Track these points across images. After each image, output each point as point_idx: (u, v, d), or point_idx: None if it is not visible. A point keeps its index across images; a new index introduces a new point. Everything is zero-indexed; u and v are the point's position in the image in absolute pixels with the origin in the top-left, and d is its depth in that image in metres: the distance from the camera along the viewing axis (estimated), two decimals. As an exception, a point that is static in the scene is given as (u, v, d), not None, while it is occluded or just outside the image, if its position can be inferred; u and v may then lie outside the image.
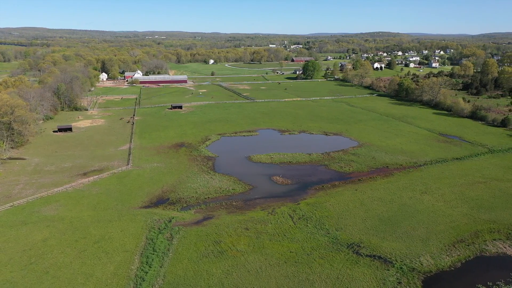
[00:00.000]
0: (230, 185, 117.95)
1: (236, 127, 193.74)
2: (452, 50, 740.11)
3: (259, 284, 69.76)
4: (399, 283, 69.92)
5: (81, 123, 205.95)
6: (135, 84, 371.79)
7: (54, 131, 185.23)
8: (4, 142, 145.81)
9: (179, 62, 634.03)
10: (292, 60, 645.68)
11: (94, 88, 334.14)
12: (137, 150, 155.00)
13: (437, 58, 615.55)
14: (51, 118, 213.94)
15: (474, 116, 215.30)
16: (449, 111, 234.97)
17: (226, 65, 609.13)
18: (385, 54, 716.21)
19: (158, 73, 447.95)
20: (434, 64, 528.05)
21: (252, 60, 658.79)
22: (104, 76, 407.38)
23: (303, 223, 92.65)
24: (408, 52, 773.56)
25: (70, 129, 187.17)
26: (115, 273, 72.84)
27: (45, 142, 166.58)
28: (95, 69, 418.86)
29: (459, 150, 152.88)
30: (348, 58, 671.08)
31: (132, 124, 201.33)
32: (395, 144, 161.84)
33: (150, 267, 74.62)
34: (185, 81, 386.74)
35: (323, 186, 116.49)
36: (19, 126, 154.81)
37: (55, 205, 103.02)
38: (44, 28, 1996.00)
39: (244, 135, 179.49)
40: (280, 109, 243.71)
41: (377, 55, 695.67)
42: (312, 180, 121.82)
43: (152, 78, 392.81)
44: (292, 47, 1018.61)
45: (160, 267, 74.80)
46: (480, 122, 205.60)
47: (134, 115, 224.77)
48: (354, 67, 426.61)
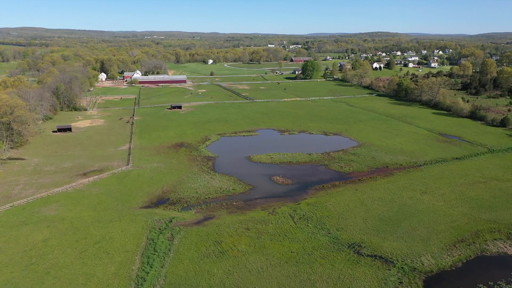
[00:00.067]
0: (231, 185, 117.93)
1: (235, 127, 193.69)
2: (450, 50, 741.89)
3: (261, 284, 69.76)
4: (400, 283, 70.00)
5: (80, 123, 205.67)
6: (134, 84, 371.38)
7: (53, 131, 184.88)
8: (3, 143, 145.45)
9: (178, 62, 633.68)
10: (291, 60, 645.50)
11: (93, 88, 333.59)
12: (137, 150, 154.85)
13: (436, 58, 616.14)
14: (50, 118, 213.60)
15: (474, 116, 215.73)
16: (448, 111, 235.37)
17: (225, 65, 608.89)
18: (384, 54, 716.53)
19: (157, 73, 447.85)
20: (433, 64, 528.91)
21: (251, 60, 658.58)
22: (103, 76, 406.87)
23: (304, 223, 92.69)
24: (407, 52, 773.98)
25: (69, 129, 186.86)
26: (116, 273, 72.76)
27: (44, 142, 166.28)
28: (94, 69, 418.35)
29: (459, 150, 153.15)
30: (347, 58, 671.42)
31: (132, 124, 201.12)
32: (394, 144, 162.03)
33: (151, 267, 74.57)
34: (184, 81, 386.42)
35: (323, 186, 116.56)
36: (19, 126, 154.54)
37: (55, 205, 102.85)
38: (42, 28, 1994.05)
39: (244, 135, 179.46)
40: (280, 109, 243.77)
41: (376, 55, 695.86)
42: (312, 180, 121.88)
43: (151, 78, 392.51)
44: (291, 47, 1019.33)
45: (161, 267, 74.76)
46: (479, 122, 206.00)
47: (133, 115, 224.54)
48: (353, 67, 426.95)
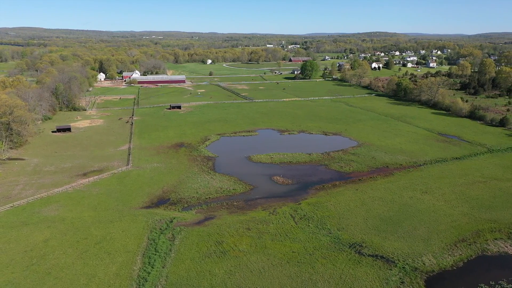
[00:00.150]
0: (231, 185, 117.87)
1: (235, 127, 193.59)
2: (449, 50, 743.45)
3: (262, 284, 69.74)
4: (402, 282, 70.09)
5: (79, 123, 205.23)
6: (133, 84, 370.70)
7: (52, 132, 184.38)
8: (3, 143, 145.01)
9: (176, 62, 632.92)
10: (290, 60, 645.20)
11: (92, 88, 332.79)
12: (136, 150, 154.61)
13: (434, 58, 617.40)
14: (49, 119, 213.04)
15: (473, 115, 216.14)
16: (447, 110, 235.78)
17: (224, 65, 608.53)
18: (382, 54, 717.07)
19: (156, 73, 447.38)
20: (431, 64, 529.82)
21: (250, 60, 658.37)
22: (102, 76, 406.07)
23: (305, 223, 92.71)
24: (405, 52, 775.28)
25: (69, 129, 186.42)
26: (118, 273, 72.64)
27: (44, 143, 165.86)
28: (93, 69, 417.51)
29: (459, 150, 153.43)
30: (345, 58, 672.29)
31: (131, 124, 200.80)
32: (394, 143, 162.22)
33: (152, 267, 74.47)
34: (183, 81, 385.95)
35: (323, 186, 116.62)
36: (18, 126, 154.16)
37: (56, 205, 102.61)
38: (40, 28, 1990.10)
39: (243, 135, 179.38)
40: (279, 109, 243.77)
41: (374, 55, 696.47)
42: (312, 180, 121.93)
43: (150, 78, 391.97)
44: (289, 47, 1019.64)
45: (163, 267, 74.66)
46: (478, 122, 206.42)
47: (132, 115, 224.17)
48: (352, 67, 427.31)
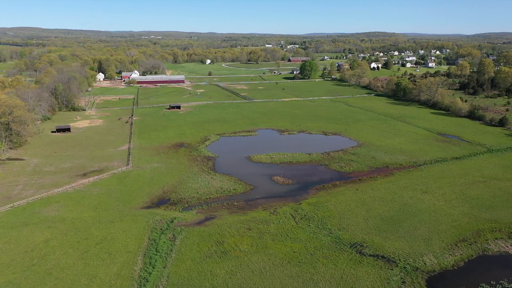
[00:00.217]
0: (231, 185, 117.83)
1: (235, 127, 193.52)
2: (448, 50, 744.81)
3: (264, 284, 69.71)
4: (403, 282, 70.14)
5: (79, 123, 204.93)
6: (132, 84, 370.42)
7: (52, 132, 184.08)
8: (2, 143, 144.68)
9: (175, 62, 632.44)
10: (289, 60, 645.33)
11: (91, 88, 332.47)
12: (136, 150, 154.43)
13: (433, 58, 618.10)
14: (49, 119, 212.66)
15: (472, 115, 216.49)
16: (447, 110, 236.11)
17: (223, 65, 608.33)
18: (381, 54, 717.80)
19: (155, 73, 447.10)
20: (430, 64, 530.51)
21: (249, 60, 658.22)
22: (101, 76, 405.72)
23: (306, 223, 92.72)
24: (404, 52, 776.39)
25: (68, 129, 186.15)
26: (119, 274, 72.54)
27: (43, 143, 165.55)
28: (92, 69, 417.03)
29: (458, 150, 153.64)
30: (344, 58, 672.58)
31: (131, 124, 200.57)
32: (394, 143, 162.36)
33: (153, 267, 74.38)
34: (182, 81, 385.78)
35: (324, 186, 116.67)
36: (18, 126, 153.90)
37: (56, 205, 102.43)
38: (39, 28, 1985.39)
39: (243, 135, 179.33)
40: (279, 109, 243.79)
41: (373, 55, 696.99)
42: (312, 180, 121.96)
43: (149, 78, 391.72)
44: (288, 47, 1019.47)
45: (164, 267, 74.58)
46: (478, 122, 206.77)
47: (132, 115, 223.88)
48: (351, 67, 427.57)
